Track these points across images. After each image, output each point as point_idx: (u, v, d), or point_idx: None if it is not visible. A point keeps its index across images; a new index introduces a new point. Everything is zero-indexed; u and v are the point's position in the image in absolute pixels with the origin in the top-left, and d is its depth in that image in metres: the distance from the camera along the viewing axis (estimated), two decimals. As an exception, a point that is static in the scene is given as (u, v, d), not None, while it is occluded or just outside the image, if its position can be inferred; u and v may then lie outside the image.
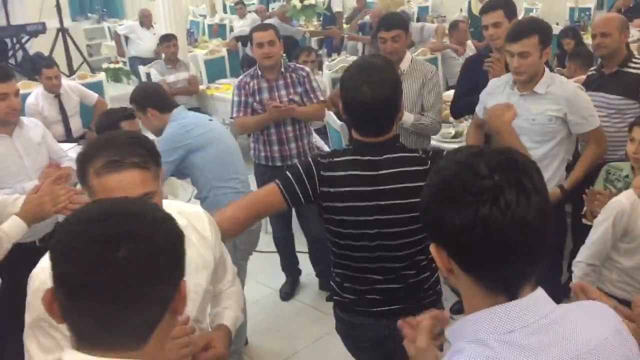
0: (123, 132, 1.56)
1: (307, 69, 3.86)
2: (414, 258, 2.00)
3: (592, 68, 3.74)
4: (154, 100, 3.17)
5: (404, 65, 3.41)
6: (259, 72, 3.66)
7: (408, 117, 3.32)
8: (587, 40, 7.11)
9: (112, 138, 1.53)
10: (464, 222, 0.97)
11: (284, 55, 6.37)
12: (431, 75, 3.43)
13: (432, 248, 1.06)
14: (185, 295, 1.05)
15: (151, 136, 4.36)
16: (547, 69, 2.94)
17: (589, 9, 10.14)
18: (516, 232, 0.96)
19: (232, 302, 1.90)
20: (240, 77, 3.81)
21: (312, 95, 3.70)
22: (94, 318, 0.95)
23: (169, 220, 1.04)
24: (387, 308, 2.03)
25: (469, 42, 6.85)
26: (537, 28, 2.82)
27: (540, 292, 1.04)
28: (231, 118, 3.83)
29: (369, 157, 1.91)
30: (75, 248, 0.95)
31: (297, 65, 3.91)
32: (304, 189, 1.95)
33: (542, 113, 2.91)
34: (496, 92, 3.07)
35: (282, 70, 3.67)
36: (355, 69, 1.93)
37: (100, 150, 1.47)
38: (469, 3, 8.78)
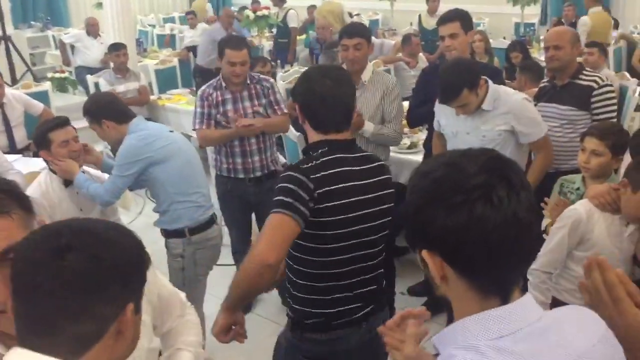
0: None
1: (272, 80, 3.83)
2: (382, 255, 2.11)
3: (544, 80, 3.83)
4: (109, 110, 3.02)
5: (366, 76, 3.41)
6: (223, 84, 3.58)
7: (369, 126, 3.32)
8: (534, 53, 7.35)
9: None
10: (459, 223, 0.96)
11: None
12: (392, 87, 3.44)
13: (425, 255, 1.02)
14: (130, 319, 1.02)
15: (100, 147, 4.21)
16: (490, 84, 2.99)
17: (533, 24, 10.47)
18: (510, 228, 0.96)
19: (185, 338, 1.66)
20: (203, 87, 3.72)
21: (276, 107, 3.66)
22: (29, 321, 0.98)
23: (124, 242, 1.05)
24: (365, 312, 2.07)
25: (421, 54, 6.96)
26: (458, 14, 3.25)
27: (528, 298, 1.03)
28: (193, 129, 3.73)
29: (351, 155, 1.99)
30: (27, 252, 1.00)
31: (261, 76, 3.85)
32: (304, 202, 1.86)
33: (491, 129, 2.99)
34: (445, 111, 3.14)
35: (247, 81, 3.61)
36: (312, 70, 2.08)
37: None
38: (419, 17, 8.92)
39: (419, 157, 3.87)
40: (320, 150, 1.97)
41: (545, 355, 0.96)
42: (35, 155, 3.89)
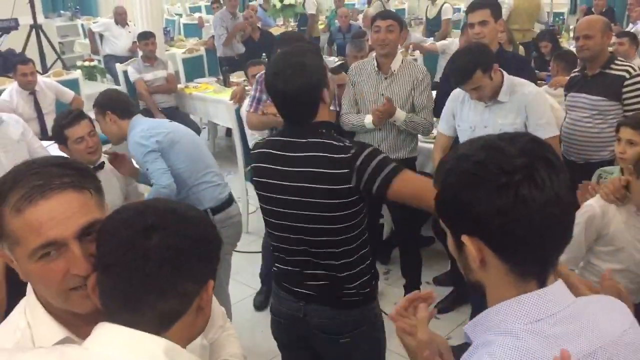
0: (45, 157, 1.18)
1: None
2: (332, 254, 1.97)
3: (575, 70, 3.78)
4: (115, 104, 3.09)
5: (395, 66, 3.41)
6: None
7: (400, 114, 3.33)
8: (563, 43, 7.24)
9: (28, 164, 1.14)
10: (505, 204, 0.95)
11: (263, 54, 6.36)
12: (422, 77, 3.44)
13: (465, 239, 1.02)
14: (211, 296, 1.08)
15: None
16: (505, 76, 2.94)
17: (562, 13, 10.30)
18: (553, 208, 0.96)
19: (230, 350, 1.60)
20: (261, 72, 3.74)
21: None
22: (120, 297, 1.02)
23: (204, 222, 1.11)
24: (306, 291, 2.05)
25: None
26: (488, 2, 3.18)
27: (560, 283, 1.04)
28: (247, 111, 3.84)
29: (293, 139, 1.94)
30: (114, 232, 1.05)
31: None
32: None
33: (509, 124, 2.92)
34: (458, 109, 3.12)
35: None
36: (273, 62, 2.03)
37: (15, 182, 1.09)
38: (427, 7, 8.90)
39: (446, 147, 3.85)
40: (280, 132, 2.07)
41: (580, 338, 0.97)
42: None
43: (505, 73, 2.95)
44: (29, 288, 1.19)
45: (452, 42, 6.78)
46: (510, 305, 1.00)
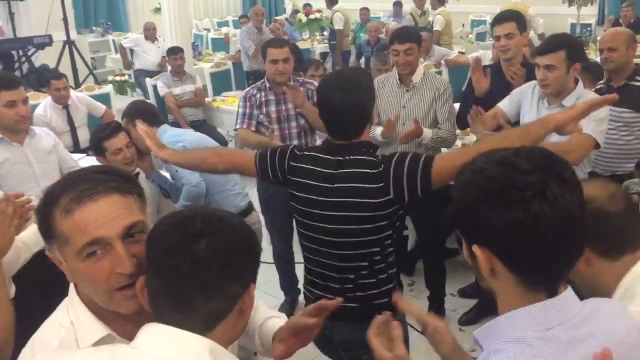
0: (89, 166, 1.30)
1: (315, 83, 3.87)
2: (356, 267, 2.07)
3: (600, 82, 3.77)
4: (143, 113, 3.21)
5: (416, 78, 3.44)
6: (267, 85, 3.66)
7: (427, 133, 3.35)
8: (590, 55, 7.19)
9: (77, 172, 1.25)
10: (515, 220, 0.98)
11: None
12: (444, 89, 3.46)
13: (476, 249, 1.06)
14: (252, 299, 1.15)
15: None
16: (579, 86, 2.90)
17: (590, 25, 10.23)
18: (564, 225, 0.99)
19: (264, 312, 1.65)
20: (247, 88, 3.82)
21: None
22: (170, 297, 1.08)
23: (246, 229, 1.17)
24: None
25: (487, 52, 6.88)
26: (565, 43, 2.84)
27: (570, 291, 1.06)
28: (235, 129, 3.82)
29: (334, 157, 2.03)
30: (165, 236, 1.11)
31: (305, 80, 3.91)
32: (274, 169, 2.12)
33: None
34: (526, 100, 3.06)
35: (291, 83, 3.69)
36: (330, 76, 2.15)
37: (65, 187, 1.18)
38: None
39: (470, 159, 3.86)
40: (318, 146, 2.20)
41: (589, 340, 1.00)
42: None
43: (580, 84, 2.92)
44: (71, 289, 1.26)
45: (485, 54, 6.79)
46: (521, 315, 1.03)
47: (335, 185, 2.01)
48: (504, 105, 3.15)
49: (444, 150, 3.77)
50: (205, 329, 1.09)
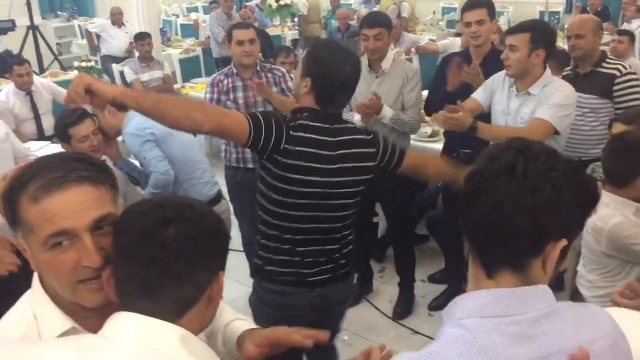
0: (62, 152, 1.26)
1: (283, 69, 3.84)
2: (345, 230, 2.25)
3: (567, 68, 3.81)
4: None
5: (386, 64, 3.43)
6: (234, 71, 3.63)
7: (387, 111, 3.34)
8: (558, 42, 7.26)
9: (50, 157, 1.19)
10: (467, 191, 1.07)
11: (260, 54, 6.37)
12: (412, 75, 3.45)
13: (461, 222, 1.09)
14: (221, 286, 1.15)
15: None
16: (547, 72, 2.89)
17: (558, 12, 10.34)
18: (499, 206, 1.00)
19: (229, 315, 1.62)
20: (214, 75, 3.77)
21: (288, 94, 3.68)
22: (138, 284, 1.07)
23: (215, 216, 1.17)
24: (319, 278, 2.20)
25: (458, 39, 6.89)
26: (531, 26, 2.83)
27: (535, 289, 1.02)
28: None
29: (333, 125, 2.09)
30: (134, 223, 1.10)
31: (273, 66, 3.88)
32: (269, 136, 1.97)
33: (530, 112, 2.85)
34: (498, 89, 3.06)
35: (258, 69, 3.65)
36: (334, 49, 2.12)
37: (34, 174, 1.12)
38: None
39: (439, 145, 3.88)
40: (305, 116, 2.09)
41: (535, 340, 0.97)
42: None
43: (549, 71, 2.90)
44: (35, 280, 1.21)
45: (453, 43, 6.82)
46: (470, 297, 1.03)
47: (340, 151, 2.07)
48: (479, 95, 3.16)
49: (412, 139, 3.78)
50: (175, 316, 1.08)
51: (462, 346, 0.97)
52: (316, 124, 2.06)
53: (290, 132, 2.01)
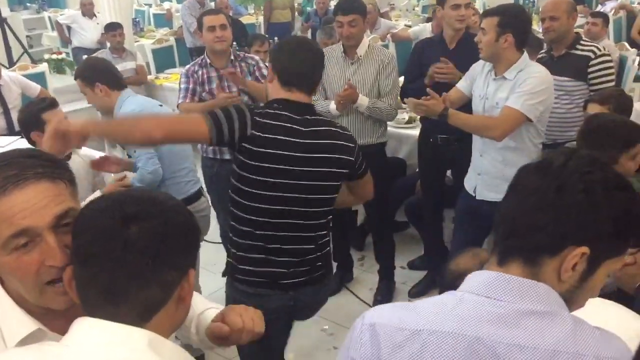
0: (18, 149, 1.17)
1: (257, 57, 3.78)
2: (321, 230, 2.20)
3: (542, 51, 3.80)
4: (105, 75, 3.02)
5: (361, 51, 3.39)
6: (208, 61, 3.56)
7: (363, 100, 3.31)
8: (533, 26, 7.27)
9: (2, 156, 1.14)
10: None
11: (234, 42, 6.29)
12: (388, 61, 3.41)
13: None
14: (192, 285, 1.07)
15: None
16: (523, 57, 2.86)
17: (532, -4, 10.34)
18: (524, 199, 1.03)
19: (202, 305, 1.58)
20: (188, 65, 3.70)
21: (262, 81, 3.62)
22: (100, 288, 1.00)
23: (183, 210, 1.09)
24: (292, 281, 2.16)
25: (427, 25, 6.86)
26: (500, 11, 2.83)
27: (536, 284, 1.01)
28: (177, 106, 3.69)
29: (302, 116, 2.07)
30: (92, 222, 1.03)
31: (246, 54, 3.82)
32: (231, 128, 1.96)
33: (504, 98, 2.83)
34: (478, 76, 3.04)
35: (232, 58, 3.58)
36: (294, 38, 2.28)
37: None
38: None
39: (416, 132, 3.86)
40: (273, 105, 2.09)
41: (514, 330, 0.97)
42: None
43: (526, 56, 2.88)
44: None
45: (424, 28, 6.79)
46: (473, 276, 1.08)
47: (312, 141, 2.05)
48: (461, 84, 3.15)
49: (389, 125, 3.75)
50: (142, 320, 1.01)
51: (440, 308, 1.02)
52: (286, 112, 2.04)
53: (256, 118, 1.99)
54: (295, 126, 2.03)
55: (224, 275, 2.31)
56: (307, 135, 2.05)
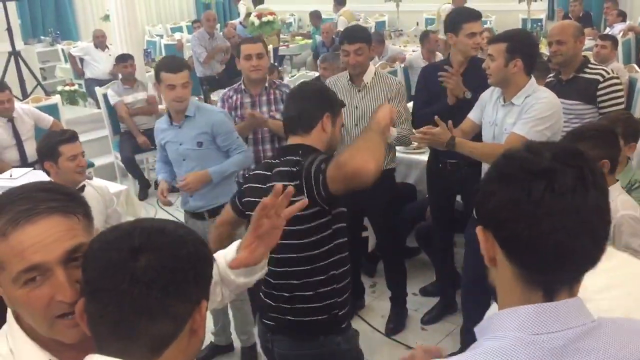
0: (33, 182, 1.17)
1: (291, 86, 3.84)
2: (293, 274, 2.06)
3: (550, 75, 3.80)
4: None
5: (367, 78, 3.42)
6: (243, 87, 3.65)
7: (392, 131, 3.30)
8: (541, 49, 7.30)
9: (15, 190, 1.13)
10: (512, 198, 0.95)
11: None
12: (397, 88, 3.44)
13: (479, 231, 1.02)
14: (204, 317, 1.05)
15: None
16: (530, 82, 2.85)
17: (540, 20, 10.41)
18: (569, 223, 0.93)
19: None
20: (225, 90, 3.81)
21: None
22: (109, 323, 0.98)
23: (193, 240, 1.06)
24: (270, 322, 2.15)
25: (437, 52, 6.93)
26: (508, 36, 2.84)
27: (577, 300, 0.98)
28: None
29: (274, 160, 2.16)
30: (100, 254, 1.01)
31: (281, 82, 3.90)
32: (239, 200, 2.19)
33: (512, 123, 2.83)
34: (488, 103, 3.04)
35: (267, 85, 3.64)
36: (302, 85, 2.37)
37: (1, 208, 1.09)
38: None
39: (425, 157, 3.85)
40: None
41: (580, 357, 0.93)
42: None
43: (533, 81, 2.88)
44: (9, 315, 1.17)
45: (416, 57, 6.90)
46: (510, 314, 0.98)
47: (268, 184, 2.05)
48: (473, 115, 3.15)
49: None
50: (153, 355, 0.99)
51: (497, 359, 0.93)
52: (270, 160, 2.21)
53: (243, 184, 2.22)
54: (261, 172, 2.19)
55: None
56: (266, 179, 2.15)
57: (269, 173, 2.12)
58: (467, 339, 3.25)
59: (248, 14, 9.78)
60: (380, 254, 4.03)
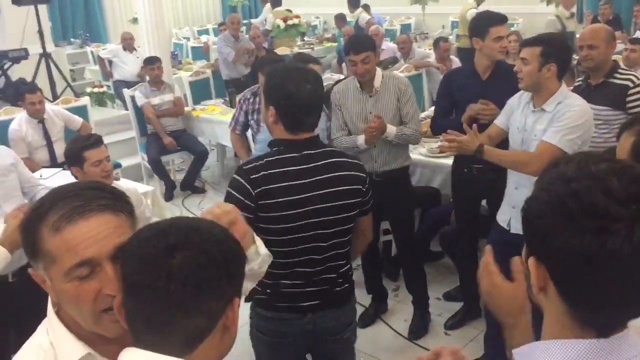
0: (82, 181, 1.26)
1: None
2: (339, 255, 2.19)
3: (578, 79, 3.75)
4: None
5: (377, 83, 3.44)
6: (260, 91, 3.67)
7: (391, 129, 3.36)
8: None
9: (66, 187, 1.19)
10: (584, 249, 0.85)
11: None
12: (405, 87, 3.46)
13: (532, 262, 0.95)
14: (237, 314, 1.08)
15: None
16: (562, 88, 2.81)
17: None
18: (637, 272, 0.85)
19: None
20: (245, 91, 3.82)
21: None
22: (145, 318, 1.01)
23: (227, 239, 1.09)
24: (310, 303, 2.16)
25: (454, 57, 6.92)
26: (543, 40, 2.78)
27: (627, 332, 0.94)
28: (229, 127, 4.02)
29: (300, 153, 2.05)
30: (137, 251, 1.04)
31: None
32: (245, 206, 1.96)
33: (543, 130, 2.78)
34: (516, 108, 3.00)
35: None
36: (290, 71, 2.11)
37: (54, 203, 1.13)
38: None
39: (449, 161, 3.84)
40: (274, 151, 2.07)
41: None
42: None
43: (565, 87, 2.84)
44: (49, 309, 1.21)
45: (430, 64, 6.89)
46: (560, 346, 0.92)
47: (317, 178, 2.04)
48: (500, 120, 3.11)
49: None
50: (186, 350, 1.02)
51: None
52: (286, 155, 2.04)
53: (251, 177, 2.00)
54: (293, 167, 2.03)
55: (247, 300, 2.34)
56: (307, 173, 2.04)
57: (304, 167, 2.07)
58: (491, 345, 3.23)
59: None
60: (400, 258, 4.01)
